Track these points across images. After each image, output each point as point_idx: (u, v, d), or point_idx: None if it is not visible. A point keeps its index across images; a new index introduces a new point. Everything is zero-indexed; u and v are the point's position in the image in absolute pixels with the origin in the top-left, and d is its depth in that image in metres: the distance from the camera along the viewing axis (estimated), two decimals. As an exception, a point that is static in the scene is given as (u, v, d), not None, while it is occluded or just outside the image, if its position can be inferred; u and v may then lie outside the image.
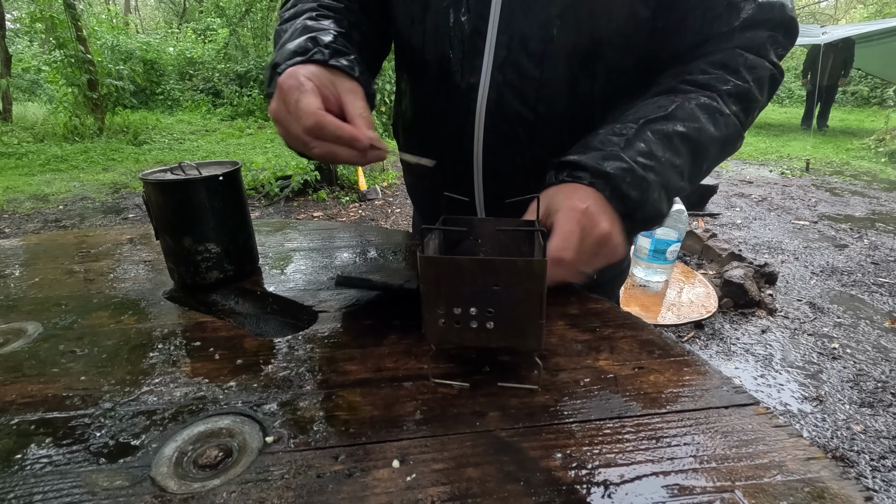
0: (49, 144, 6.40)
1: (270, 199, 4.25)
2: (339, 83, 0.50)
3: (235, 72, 9.78)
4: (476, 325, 0.38)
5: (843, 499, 0.30)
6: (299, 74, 0.48)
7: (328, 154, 0.48)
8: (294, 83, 0.47)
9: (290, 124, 0.48)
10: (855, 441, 1.60)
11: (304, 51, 0.51)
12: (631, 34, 0.57)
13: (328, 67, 0.50)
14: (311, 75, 0.48)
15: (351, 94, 0.50)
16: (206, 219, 0.56)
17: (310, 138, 0.47)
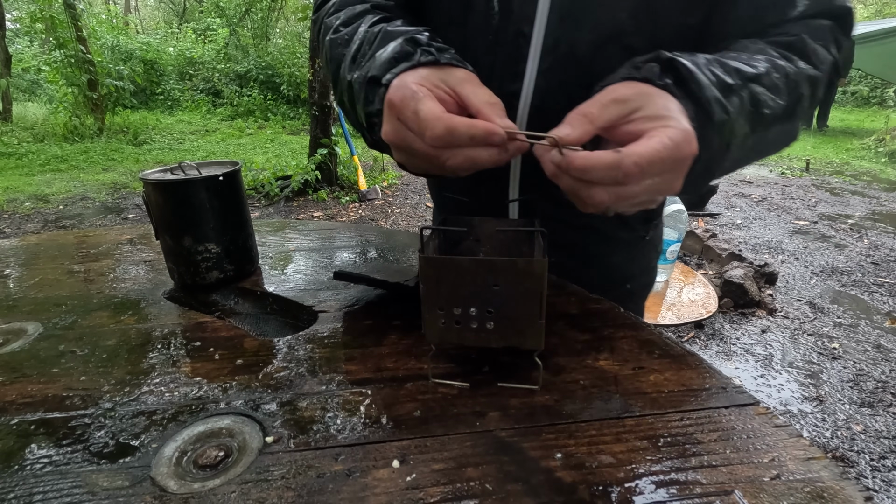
0: (49, 144, 6.40)
1: (270, 199, 4.25)
2: (450, 77, 0.44)
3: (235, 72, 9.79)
4: (476, 326, 0.38)
5: (843, 499, 0.30)
6: (408, 83, 0.42)
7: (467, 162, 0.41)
8: (406, 93, 0.42)
9: (414, 142, 0.42)
10: (855, 441, 1.60)
11: (405, 55, 0.45)
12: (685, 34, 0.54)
13: (436, 66, 0.44)
14: (420, 80, 0.43)
15: (469, 84, 0.43)
16: (206, 219, 0.56)
17: (441, 150, 0.41)
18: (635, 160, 0.35)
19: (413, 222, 3.88)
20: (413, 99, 0.41)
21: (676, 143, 0.36)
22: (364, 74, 0.47)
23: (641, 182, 0.36)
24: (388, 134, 0.44)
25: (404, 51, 0.46)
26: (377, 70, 0.46)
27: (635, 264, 0.71)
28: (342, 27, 0.54)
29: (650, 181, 0.36)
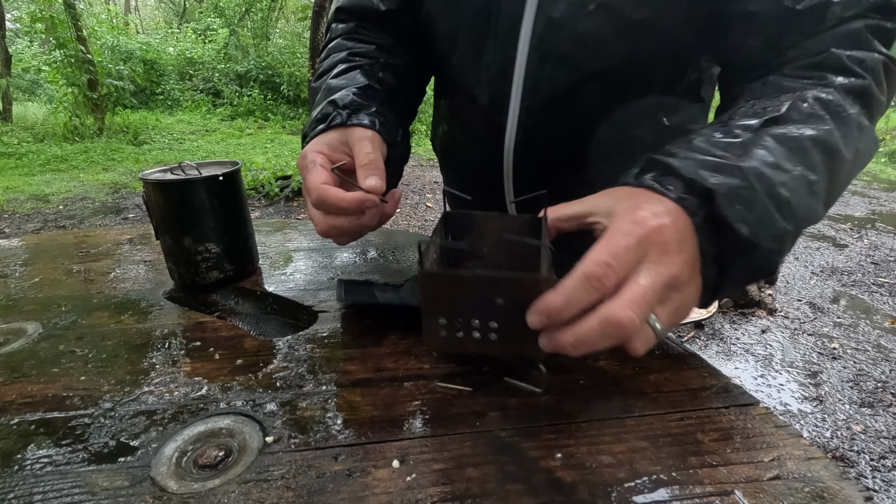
0: (49, 144, 6.41)
1: (270, 199, 4.25)
2: (351, 136, 0.50)
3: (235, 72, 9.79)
4: (479, 336, 0.36)
5: (843, 499, 0.30)
6: (308, 153, 0.49)
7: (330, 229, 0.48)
8: (304, 163, 0.48)
9: (307, 203, 0.49)
10: (855, 441, 1.60)
11: (324, 117, 0.52)
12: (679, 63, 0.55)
13: (345, 128, 0.50)
14: (321, 147, 0.49)
15: (359, 143, 0.49)
16: (206, 219, 0.56)
17: (315, 213, 0.48)
18: (595, 261, 0.31)
19: (413, 222, 3.88)
20: (305, 168, 0.48)
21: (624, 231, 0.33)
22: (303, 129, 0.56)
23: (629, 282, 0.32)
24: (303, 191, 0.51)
25: (325, 112, 0.52)
26: (306, 128, 0.54)
27: None
28: (319, 77, 0.61)
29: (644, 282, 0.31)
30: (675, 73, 0.56)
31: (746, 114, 0.40)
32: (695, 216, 0.34)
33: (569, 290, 0.31)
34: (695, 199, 0.34)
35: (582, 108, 0.56)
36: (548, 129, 0.57)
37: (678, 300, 0.34)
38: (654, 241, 0.32)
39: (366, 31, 0.64)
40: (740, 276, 0.37)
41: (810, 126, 0.38)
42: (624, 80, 0.54)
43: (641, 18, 0.49)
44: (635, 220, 0.33)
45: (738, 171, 0.35)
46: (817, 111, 0.39)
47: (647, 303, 0.31)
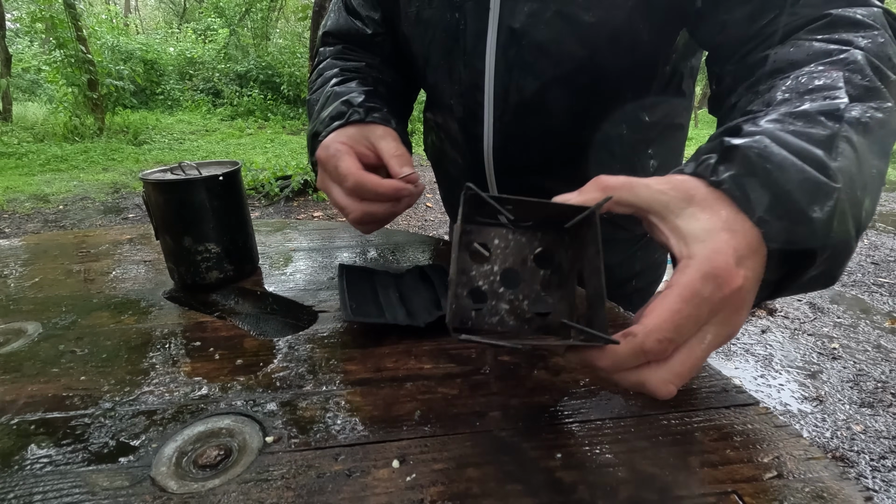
0: (49, 144, 6.41)
1: (270, 199, 4.25)
2: (371, 134, 0.52)
3: (235, 72, 9.79)
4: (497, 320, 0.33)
5: (843, 499, 0.30)
6: (333, 142, 0.50)
7: (364, 216, 0.49)
8: (331, 152, 0.49)
9: (332, 191, 0.51)
10: (855, 441, 1.60)
11: (340, 115, 0.53)
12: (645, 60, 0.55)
13: (363, 124, 0.52)
14: (345, 139, 0.51)
15: (383, 140, 0.51)
16: (206, 219, 0.56)
17: (348, 201, 0.49)
18: (657, 337, 0.27)
19: (413, 222, 3.88)
20: (335, 157, 0.49)
21: (698, 292, 0.27)
22: (310, 129, 0.57)
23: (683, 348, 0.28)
24: (318, 183, 0.53)
25: (340, 111, 0.54)
26: (318, 126, 0.54)
27: (638, 262, 0.72)
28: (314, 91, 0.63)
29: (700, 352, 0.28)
30: (645, 70, 0.57)
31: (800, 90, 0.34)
32: (774, 242, 0.29)
33: (619, 359, 0.29)
34: (780, 225, 0.29)
35: (552, 113, 0.57)
36: (523, 134, 0.59)
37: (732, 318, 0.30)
38: (729, 305, 0.28)
39: (353, 52, 0.67)
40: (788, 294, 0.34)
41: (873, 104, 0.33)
42: (590, 83, 0.55)
43: (595, 20, 0.50)
44: (715, 276, 0.27)
45: (834, 191, 0.29)
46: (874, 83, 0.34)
47: (692, 374, 0.29)
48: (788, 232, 0.29)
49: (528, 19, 0.52)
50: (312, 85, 0.65)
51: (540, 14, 0.52)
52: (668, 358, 0.28)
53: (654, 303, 0.29)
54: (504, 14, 0.53)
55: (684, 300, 0.27)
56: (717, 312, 0.28)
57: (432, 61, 0.61)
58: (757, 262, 0.29)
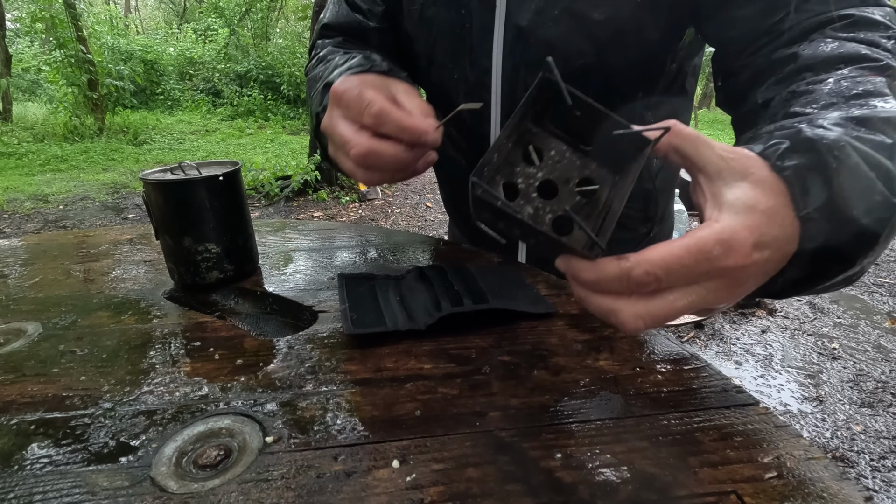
0: (49, 144, 6.41)
1: (270, 199, 4.25)
2: (395, 86, 0.47)
3: (235, 72, 9.80)
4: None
5: (843, 499, 0.30)
6: (352, 78, 0.45)
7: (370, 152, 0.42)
8: (351, 84, 0.44)
9: (339, 125, 0.44)
10: (855, 441, 1.60)
11: (360, 65, 0.50)
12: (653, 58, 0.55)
13: (386, 76, 0.48)
14: (365, 80, 0.45)
15: (406, 95, 0.46)
16: (206, 219, 0.56)
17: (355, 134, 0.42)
18: (646, 269, 0.28)
19: (413, 222, 3.88)
20: (357, 87, 0.43)
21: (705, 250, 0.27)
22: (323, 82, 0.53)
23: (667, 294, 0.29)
24: (325, 121, 0.46)
25: (360, 64, 0.51)
26: (334, 77, 0.50)
27: None
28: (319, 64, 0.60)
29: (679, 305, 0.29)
30: (653, 68, 0.57)
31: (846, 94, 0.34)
32: (810, 242, 0.28)
33: (603, 276, 0.29)
34: (826, 227, 0.28)
35: None
36: None
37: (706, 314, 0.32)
38: (727, 276, 0.28)
39: (353, 45, 0.65)
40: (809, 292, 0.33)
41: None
42: (598, 81, 0.54)
43: (603, 18, 0.50)
44: (727, 245, 0.27)
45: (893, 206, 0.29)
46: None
47: (664, 322, 0.29)
48: (831, 235, 0.28)
49: (536, 17, 0.51)
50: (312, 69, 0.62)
51: (547, 11, 0.51)
52: (648, 297, 0.29)
53: (658, 244, 0.29)
54: (511, 11, 0.52)
55: (687, 250, 0.27)
56: (712, 278, 0.28)
57: (437, 60, 0.60)
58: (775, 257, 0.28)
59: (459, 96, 0.60)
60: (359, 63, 0.50)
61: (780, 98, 0.39)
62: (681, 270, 0.27)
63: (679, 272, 0.28)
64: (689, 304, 0.28)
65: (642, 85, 0.57)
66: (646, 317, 0.28)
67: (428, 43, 0.60)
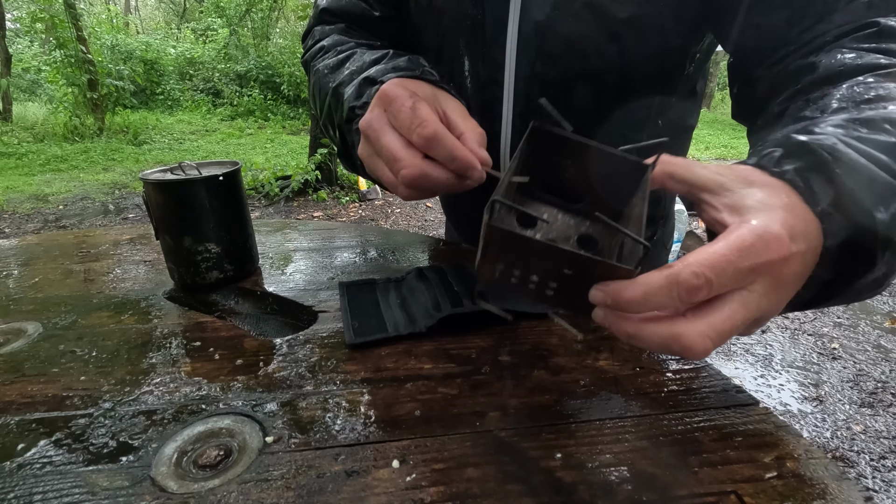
0: (49, 144, 6.41)
1: (270, 199, 4.25)
2: (445, 101, 0.44)
3: (235, 72, 9.80)
4: (534, 288, 0.32)
5: (843, 499, 0.30)
6: (407, 85, 0.42)
7: (421, 176, 0.40)
8: (405, 92, 0.41)
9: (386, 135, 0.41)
10: (855, 441, 1.60)
11: (409, 68, 0.46)
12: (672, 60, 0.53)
13: (436, 86, 0.45)
14: (418, 89, 0.43)
15: (459, 114, 0.43)
16: (206, 219, 0.56)
17: (407, 153, 0.40)
18: (694, 270, 0.26)
19: (413, 222, 3.88)
20: (412, 98, 0.40)
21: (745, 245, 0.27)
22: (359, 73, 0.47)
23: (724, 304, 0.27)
24: (368, 121, 0.42)
25: (406, 66, 0.46)
26: (376, 73, 0.46)
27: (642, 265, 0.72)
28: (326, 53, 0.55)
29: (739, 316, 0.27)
30: (672, 70, 0.55)
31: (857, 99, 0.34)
32: (832, 239, 0.28)
33: (650, 289, 0.27)
34: (843, 220, 0.28)
35: (575, 111, 0.54)
36: None
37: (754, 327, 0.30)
38: (773, 272, 0.27)
39: (356, 32, 0.61)
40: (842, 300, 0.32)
41: None
42: (616, 80, 0.53)
43: (627, 16, 0.48)
44: (765, 238, 0.27)
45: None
46: None
47: (730, 335, 0.27)
48: (850, 229, 0.28)
49: (554, 11, 0.49)
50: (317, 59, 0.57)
51: (567, 6, 0.49)
52: (707, 311, 0.27)
53: (696, 249, 0.27)
54: (527, 4, 0.50)
55: (729, 248, 0.26)
56: (759, 275, 0.27)
57: (446, 53, 0.57)
58: (810, 251, 0.28)
59: (470, 93, 0.58)
60: (407, 66, 0.46)
61: (794, 107, 0.39)
62: (728, 269, 0.26)
63: (727, 271, 0.26)
64: (748, 313, 0.27)
65: (659, 88, 0.56)
66: (712, 334, 0.26)
67: (437, 35, 0.57)
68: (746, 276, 0.27)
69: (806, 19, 0.42)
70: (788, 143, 0.31)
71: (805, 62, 0.41)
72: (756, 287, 0.27)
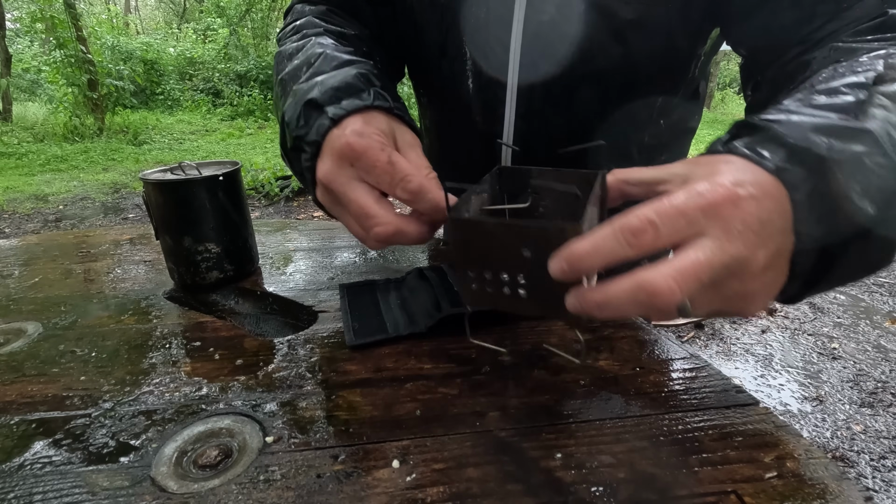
0: (49, 144, 6.41)
1: (270, 199, 4.25)
2: (401, 135, 0.40)
3: (235, 72, 9.79)
4: (509, 292, 0.33)
5: (843, 499, 0.30)
6: (368, 129, 0.38)
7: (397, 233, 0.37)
8: (374, 143, 0.37)
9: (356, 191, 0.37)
10: (855, 441, 1.60)
11: (354, 90, 0.40)
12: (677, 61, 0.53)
13: (391, 116, 0.40)
14: (379, 131, 0.38)
15: (414, 150, 0.40)
16: (206, 219, 0.56)
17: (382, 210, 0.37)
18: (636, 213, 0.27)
19: (413, 222, 3.86)
20: (384, 150, 0.37)
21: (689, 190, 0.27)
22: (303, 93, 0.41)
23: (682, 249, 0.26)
24: (330, 176, 0.38)
25: (354, 85, 0.40)
26: (320, 94, 0.40)
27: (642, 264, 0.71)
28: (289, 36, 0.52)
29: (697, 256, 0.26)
30: (677, 71, 0.55)
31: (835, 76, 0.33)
32: (796, 191, 0.27)
33: (597, 238, 0.27)
34: (800, 171, 0.28)
35: (578, 112, 0.54)
36: (545, 135, 0.56)
37: (739, 289, 0.28)
38: (723, 215, 0.26)
39: (339, 17, 0.57)
40: (851, 267, 0.31)
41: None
42: (621, 82, 0.53)
43: (634, 17, 0.48)
44: (708, 185, 0.27)
45: (864, 134, 0.28)
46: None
47: (696, 278, 0.26)
48: (814, 179, 0.27)
49: (560, 10, 0.48)
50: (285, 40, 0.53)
51: (573, 6, 0.48)
52: (668, 259, 0.27)
53: None
54: (532, 3, 0.49)
55: (670, 196, 0.27)
56: (710, 217, 0.26)
57: (449, 52, 0.56)
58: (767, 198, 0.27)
59: (472, 92, 0.57)
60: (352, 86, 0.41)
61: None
62: (670, 211, 0.26)
63: (669, 214, 0.26)
64: (712, 256, 0.26)
65: (663, 89, 0.55)
66: (675, 275, 0.25)
67: (439, 33, 0.55)
68: (698, 221, 0.26)
69: (816, 18, 0.41)
70: (737, 125, 0.32)
71: (802, 60, 0.41)
72: (712, 232, 0.26)
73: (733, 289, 0.28)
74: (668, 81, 0.55)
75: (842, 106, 0.30)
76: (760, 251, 0.27)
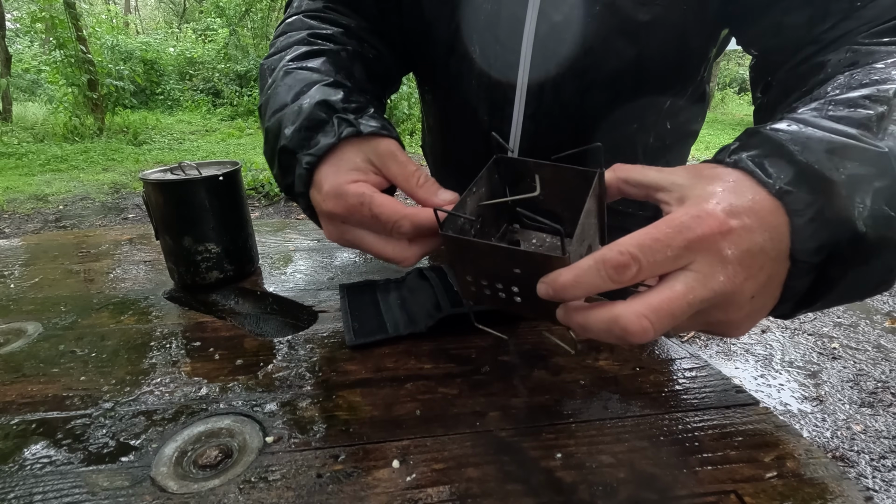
0: (49, 144, 6.40)
1: (270, 199, 4.25)
2: (374, 150, 0.40)
3: (235, 72, 9.78)
4: (504, 296, 0.34)
5: (843, 499, 0.30)
6: (344, 184, 0.38)
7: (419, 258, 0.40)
8: (352, 202, 0.38)
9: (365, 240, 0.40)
10: (855, 441, 1.60)
11: (319, 125, 0.40)
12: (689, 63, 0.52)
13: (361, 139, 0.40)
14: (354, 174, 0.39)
15: (392, 161, 0.40)
16: (206, 219, 0.56)
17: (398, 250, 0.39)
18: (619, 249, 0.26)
19: (413, 222, 3.86)
20: (363, 205, 0.38)
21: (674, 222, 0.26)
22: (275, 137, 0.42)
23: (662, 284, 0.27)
24: (336, 236, 0.41)
25: (317, 119, 0.40)
26: (289, 141, 0.41)
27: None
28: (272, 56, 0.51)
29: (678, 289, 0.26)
30: (688, 73, 0.54)
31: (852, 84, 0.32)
32: (798, 216, 0.26)
33: (580, 271, 0.27)
34: (806, 194, 0.26)
35: (588, 113, 0.54)
36: (553, 137, 0.55)
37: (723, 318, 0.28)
38: (711, 248, 0.26)
39: (335, 11, 0.56)
40: (848, 290, 0.29)
41: None
42: (632, 83, 0.52)
43: (648, 19, 0.47)
44: (697, 214, 0.26)
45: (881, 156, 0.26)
46: None
47: (671, 316, 0.26)
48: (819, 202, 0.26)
49: (574, 11, 0.48)
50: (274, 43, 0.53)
51: (587, 7, 0.47)
52: (646, 294, 0.27)
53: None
54: (545, 2, 0.48)
55: (656, 227, 0.26)
56: (696, 252, 0.26)
57: (458, 49, 0.55)
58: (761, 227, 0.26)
59: (480, 92, 0.56)
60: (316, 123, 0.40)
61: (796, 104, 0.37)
62: (655, 246, 0.26)
63: (654, 248, 0.26)
64: (692, 292, 0.26)
65: (672, 93, 0.55)
66: (648, 313, 0.25)
67: (448, 31, 0.54)
68: (682, 255, 0.26)
69: (830, 16, 0.40)
70: (745, 135, 0.30)
71: (815, 62, 0.40)
72: (697, 266, 0.26)
73: (717, 318, 0.28)
74: (679, 83, 0.55)
75: (860, 121, 0.28)
76: (748, 283, 0.27)
